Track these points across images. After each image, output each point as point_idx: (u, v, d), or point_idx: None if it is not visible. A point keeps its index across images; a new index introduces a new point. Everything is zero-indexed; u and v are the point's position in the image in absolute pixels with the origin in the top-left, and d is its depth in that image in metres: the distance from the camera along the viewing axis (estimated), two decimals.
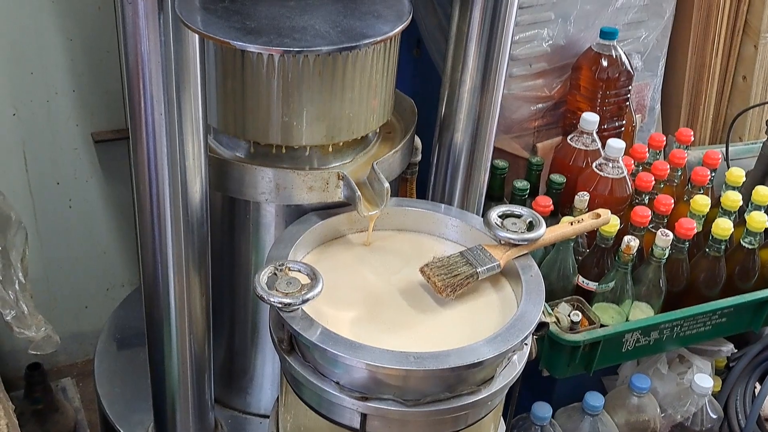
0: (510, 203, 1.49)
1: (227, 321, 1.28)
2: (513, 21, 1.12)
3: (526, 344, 1.01)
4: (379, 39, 0.81)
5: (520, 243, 1.06)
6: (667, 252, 1.32)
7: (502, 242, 1.06)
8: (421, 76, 1.62)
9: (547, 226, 1.08)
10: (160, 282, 1.07)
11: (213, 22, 0.80)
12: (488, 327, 0.99)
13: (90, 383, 1.77)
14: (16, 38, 1.43)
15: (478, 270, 1.02)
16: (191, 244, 1.05)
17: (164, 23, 0.87)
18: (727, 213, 1.44)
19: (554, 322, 1.31)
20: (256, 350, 1.30)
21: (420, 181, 1.38)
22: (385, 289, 1.05)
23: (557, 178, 1.46)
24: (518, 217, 1.09)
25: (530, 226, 1.08)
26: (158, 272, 1.07)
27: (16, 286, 1.11)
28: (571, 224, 1.11)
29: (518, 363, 1.00)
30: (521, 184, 1.45)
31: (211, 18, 0.81)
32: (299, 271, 0.96)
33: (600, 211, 1.12)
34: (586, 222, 1.11)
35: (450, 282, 1.01)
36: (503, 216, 1.09)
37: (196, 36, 0.89)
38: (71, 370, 1.85)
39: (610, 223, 1.24)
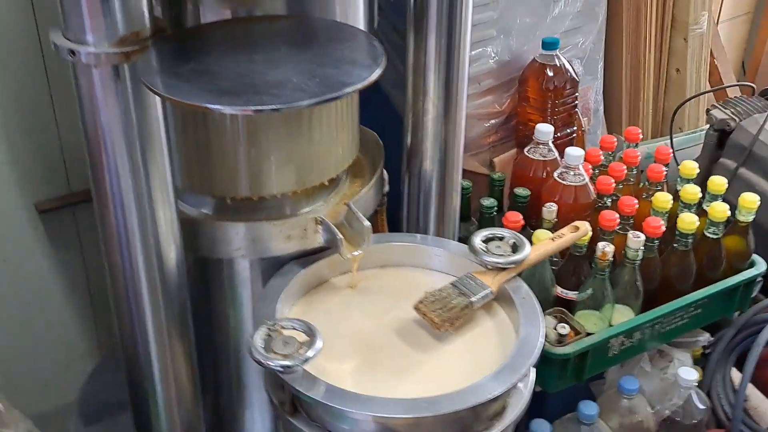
0: (479, 222, 1.49)
1: (211, 382, 1.23)
2: (468, 45, 1.12)
3: (533, 368, 0.99)
4: (360, 86, 0.79)
5: (507, 266, 1.04)
6: (640, 253, 1.34)
7: (490, 267, 1.05)
8: (372, 105, 1.60)
9: None
10: (141, 354, 1.02)
11: (183, 86, 0.76)
12: (490, 357, 0.97)
13: None
14: None
15: (473, 299, 1.01)
16: (171, 312, 1.00)
17: (122, 91, 0.82)
18: (687, 206, 1.47)
19: None
20: (243, 410, 1.25)
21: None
22: (379, 332, 1.02)
23: (522, 191, 1.46)
24: (501, 239, 1.08)
25: (514, 247, 1.07)
26: (138, 346, 1.02)
27: None
28: (553, 240, 1.10)
29: (524, 389, 0.99)
30: (488, 201, 1.44)
31: (180, 83, 0.77)
32: (294, 328, 0.92)
33: (578, 223, 1.13)
34: (567, 236, 1.11)
35: (446, 316, 0.99)
36: (486, 240, 1.08)
37: (158, 100, 0.85)
38: None
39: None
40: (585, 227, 1.11)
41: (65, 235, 1.57)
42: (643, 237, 1.33)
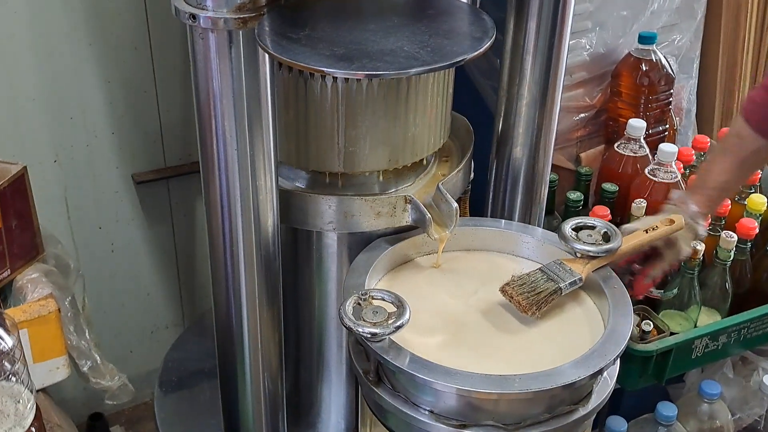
0: (563, 216, 1.48)
1: (292, 354, 1.25)
2: (569, 30, 1.11)
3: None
4: (472, 55, 0.79)
5: (598, 255, 1.04)
6: (732, 254, 1.30)
7: (579, 255, 1.05)
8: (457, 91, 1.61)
9: None
10: (234, 319, 1.05)
11: (299, 50, 0.79)
12: (579, 343, 0.96)
13: (141, 430, 1.74)
14: (56, 85, 1.42)
15: (561, 285, 1.00)
16: (264, 279, 1.03)
17: (236, 57, 0.85)
18: None
19: None
20: (322, 383, 1.28)
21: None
22: (465, 312, 1.03)
23: (610, 186, 1.44)
24: (592, 228, 1.07)
25: (606, 237, 1.06)
26: (231, 309, 1.05)
27: (87, 335, 1.09)
28: (647, 232, 1.09)
29: (609, 379, 0.98)
30: (575, 195, 1.43)
31: (296, 47, 0.79)
32: (383, 299, 0.94)
33: (673, 216, 1.10)
34: (661, 229, 1.09)
35: (534, 300, 0.99)
36: (577, 228, 1.07)
37: (267, 68, 0.88)
38: (119, 417, 1.80)
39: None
40: (680, 221, 1.09)
41: (158, 207, 1.64)
42: (736, 238, 1.30)
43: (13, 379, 0.71)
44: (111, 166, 1.54)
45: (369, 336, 0.89)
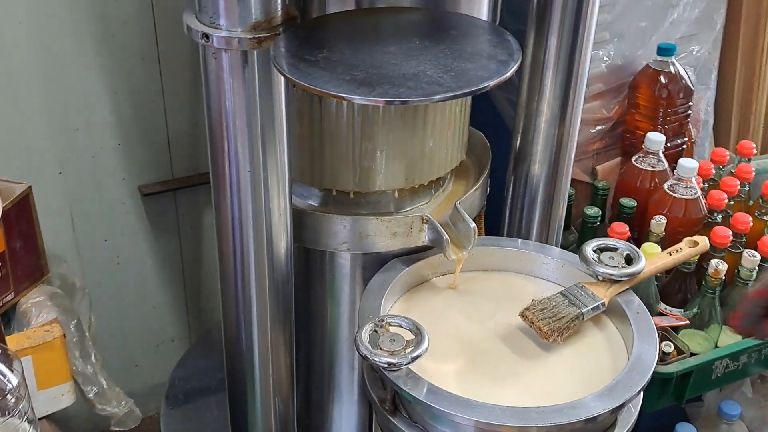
0: (580, 231, 1.45)
1: (303, 374, 1.22)
2: (591, 46, 1.08)
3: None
4: (498, 80, 0.76)
5: (621, 279, 1.00)
6: (754, 273, 1.27)
7: (601, 278, 1.01)
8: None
9: None
10: (244, 343, 1.02)
11: (318, 74, 0.75)
12: (601, 371, 0.93)
13: None
14: (61, 96, 1.39)
15: (583, 310, 0.97)
16: (276, 303, 1.00)
17: (250, 77, 0.82)
18: None
19: None
20: (333, 403, 1.25)
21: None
22: (483, 336, 1.00)
23: (628, 202, 1.41)
24: (614, 250, 1.04)
25: (628, 260, 1.03)
26: (242, 333, 1.02)
27: (93, 359, 1.06)
28: (670, 254, 1.05)
29: (633, 407, 0.95)
30: (592, 210, 1.40)
31: (315, 70, 0.76)
32: (400, 326, 0.90)
33: (697, 238, 1.07)
34: (685, 251, 1.06)
35: (556, 326, 0.95)
36: (598, 250, 1.04)
37: (282, 89, 0.85)
38: None
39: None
40: (704, 242, 1.06)
41: (165, 219, 1.61)
42: (758, 256, 1.26)
43: (17, 415, 0.68)
44: (117, 177, 1.51)
45: (386, 366, 0.86)
